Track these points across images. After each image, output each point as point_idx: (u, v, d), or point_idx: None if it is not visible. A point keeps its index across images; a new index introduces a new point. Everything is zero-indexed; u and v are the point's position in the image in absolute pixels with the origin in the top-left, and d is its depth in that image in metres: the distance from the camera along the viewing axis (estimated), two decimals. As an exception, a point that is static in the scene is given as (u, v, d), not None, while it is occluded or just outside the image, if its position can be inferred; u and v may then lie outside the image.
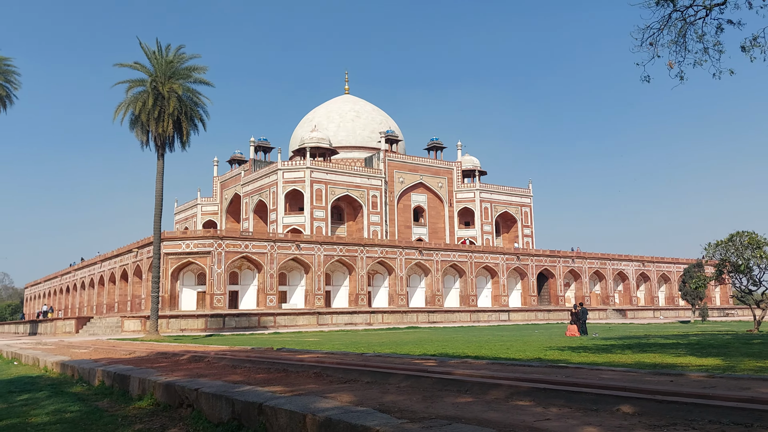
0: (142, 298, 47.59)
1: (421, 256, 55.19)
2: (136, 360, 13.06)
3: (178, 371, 9.86)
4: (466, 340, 22.01)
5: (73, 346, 22.09)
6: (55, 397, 9.43)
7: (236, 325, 43.03)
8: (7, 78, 38.79)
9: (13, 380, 12.37)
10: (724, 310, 72.35)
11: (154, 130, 33.26)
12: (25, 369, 15.19)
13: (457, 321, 53.21)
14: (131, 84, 33.84)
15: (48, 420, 7.33)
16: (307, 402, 5.74)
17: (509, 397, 6.03)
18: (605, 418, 4.77)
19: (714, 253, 30.40)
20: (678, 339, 20.08)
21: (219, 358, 12.24)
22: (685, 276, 48.29)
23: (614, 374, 7.71)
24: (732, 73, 10.07)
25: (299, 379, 8.39)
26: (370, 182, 63.21)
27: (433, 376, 7.49)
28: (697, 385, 6.34)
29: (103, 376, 10.43)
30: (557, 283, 63.51)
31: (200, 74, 34.59)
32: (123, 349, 18.04)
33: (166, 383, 8.01)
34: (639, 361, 11.36)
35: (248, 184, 65.73)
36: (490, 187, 70.72)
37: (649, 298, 70.55)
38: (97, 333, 40.81)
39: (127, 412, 7.66)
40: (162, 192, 34.53)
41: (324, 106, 74.91)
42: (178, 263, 45.42)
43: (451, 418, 4.91)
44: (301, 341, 24.38)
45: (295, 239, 49.62)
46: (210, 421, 6.58)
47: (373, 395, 6.43)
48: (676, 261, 72.37)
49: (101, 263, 57.27)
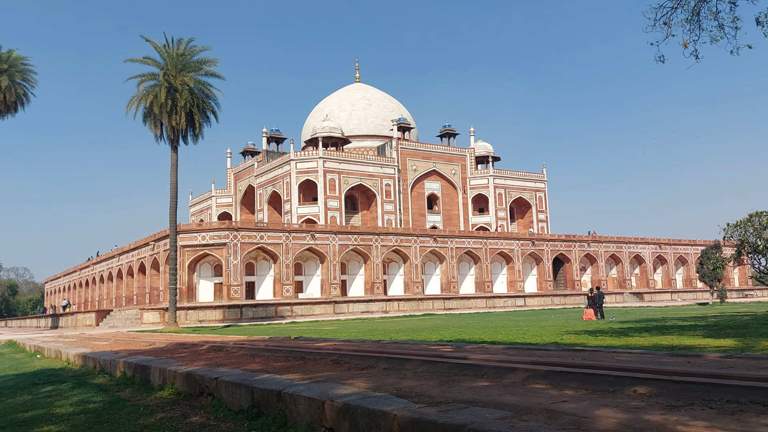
0: (160, 290, 48.09)
1: (436, 243, 55.17)
2: (156, 351, 13.23)
3: (198, 361, 9.99)
4: (481, 326, 22.04)
5: (94, 338, 22.41)
6: (78, 388, 9.60)
7: (253, 315, 43.38)
8: (24, 77, 39.20)
9: (37, 372, 12.60)
10: (743, 292, 71.68)
11: (167, 123, 33.43)
12: (48, 362, 15.45)
13: (473, 307, 53.22)
14: (143, 78, 33.98)
15: (72, 410, 7.47)
16: (325, 389, 5.80)
17: (526, 380, 6.06)
18: (622, 400, 4.78)
19: (732, 233, 30.11)
20: (696, 321, 19.97)
21: (238, 348, 12.37)
22: (703, 258, 47.87)
23: (631, 356, 7.70)
24: (750, 48, 9.90)
25: (317, 366, 8.47)
26: (383, 171, 63.15)
27: (449, 362, 7.53)
28: (714, 366, 6.32)
29: (125, 367, 10.59)
30: (573, 267, 63.25)
31: (211, 67, 34.66)
32: (143, 341, 18.27)
33: (186, 373, 8.12)
34: (656, 344, 11.33)
35: (261, 176, 65.96)
36: (503, 172, 70.36)
37: (666, 281, 70.04)
38: (116, 325, 41.34)
39: (149, 402, 7.79)
40: (176, 184, 34.75)
41: (335, 95, 74.79)
42: (194, 255, 45.79)
43: (468, 401, 4.94)
44: (318, 330, 24.54)
45: (310, 229, 49.81)
46: (230, 409, 6.68)
47: (390, 381, 6.48)
48: (694, 243, 71.71)
49: (119, 257, 57.91)
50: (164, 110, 32.96)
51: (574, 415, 4.21)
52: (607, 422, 3.96)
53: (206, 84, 34.89)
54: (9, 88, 37.60)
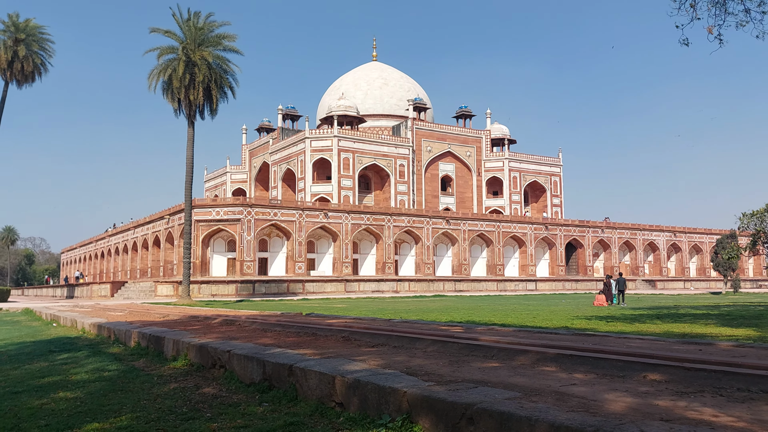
0: (174, 264, 48.58)
1: (448, 225, 55.11)
2: (169, 323, 13.41)
3: (211, 334, 10.11)
4: (492, 309, 22.09)
5: (109, 309, 22.75)
6: (94, 356, 9.77)
7: (266, 291, 43.77)
8: (42, 46, 39.32)
9: (53, 340, 12.83)
10: (758, 282, 71.10)
11: (185, 98, 33.49)
12: (64, 330, 15.72)
13: (484, 290, 53.29)
14: (162, 51, 33.99)
15: (88, 378, 7.62)
16: (336, 364, 5.86)
17: (535, 363, 6.08)
18: (632, 385, 4.79)
19: (749, 223, 29.74)
20: (708, 310, 19.87)
21: (250, 322, 12.51)
22: (718, 247, 47.50)
23: (642, 342, 7.69)
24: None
25: (328, 342, 8.54)
26: (398, 151, 62.95)
27: (459, 342, 7.56)
28: (726, 354, 6.30)
29: (139, 338, 10.75)
30: (586, 253, 62.98)
31: (230, 42, 34.61)
32: (157, 313, 18.52)
33: (199, 345, 8.24)
34: (668, 331, 11.30)
35: (276, 153, 66.03)
36: (519, 156, 69.87)
37: (679, 269, 69.61)
38: (131, 297, 41.91)
39: (163, 372, 7.92)
40: (192, 159, 34.92)
41: (351, 74, 74.37)
42: (208, 230, 46.14)
43: (477, 381, 4.98)
44: (330, 307, 24.73)
45: (323, 208, 49.94)
46: (242, 382, 6.78)
47: (400, 359, 6.54)
48: (709, 231, 71.08)
49: (134, 229, 58.48)
50: (182, 84, 33.02)
51: (584, 398, 4.23)
52: (617, 406, 3.97)
53: (224, 59, 34.85)
54: (27, 58, 37.77)
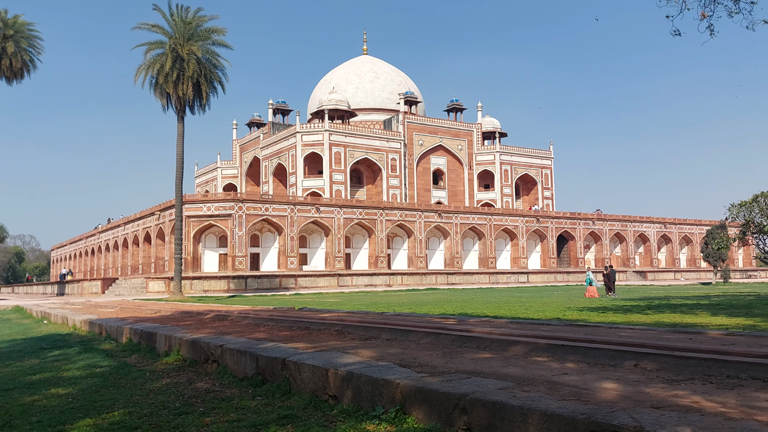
0: (165, 260, 48.42)
1: (441, 219, 55.19)
2: (161, 318, 13.37)
3: (203, 329, 10.10)
4: (485, 301, 22.17)
5: (100, 305, 22.65)
6: (86, 353, 9.74)
7: (258, 286, 43.69)
8: (30, 43, 38.92)
9: (44, 337, 12.78)
10: (747, 272, 71.69)
11: (174, 93, 33.28)
12: (55, 327, 15.64)
13: (476, 283, 53.44)
14: (150, 46, 33.74)
15: (80, 374, 7.59)
16: (329, 357, 5.87)
17: (528, 353, 6.11)
18: (623, 373, 4.83)
19: (738, 213, 30.03)
20: (699, 300, 20.03)
21: (242, 317, 12.49)
22: (708, 237, 47.83)
23: (633, 332, 7.75)
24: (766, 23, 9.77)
25: (321, 336, 8.55)
26: (389, 145, 62.90)
27: (452, 334, 7.59)
28: (716, 342, 6.36)
29: (131, 334, 10.72)
30: (577, 245, 63.26)
31: (219, 36, 34.39)
32: (148, 309, 18.46)
33: (192, 340, 8.23)
34: (658, 321, 11.39)
35: (267, 147, 65.82)
36: (510, 149, 69.98)
37: (670, 260, 70.07)
38: (122, 294, 41.72)
39: (155, 368, 7.91)
40: (183, 155, 34.74)
41: (342, 68, 74.15)
42: (199, 226, 45.99)
43: (470, 372, 5.00)
44: (322, 302, 24.73)
45: (315, 202, 49.86)
46: (235, 376, 6.78)
47: (393, 351, 6.55)
48: (699, 222, 71.56)
49: (125, 226, 58.20)
50: (170, 79, 32.80)
51: (575, 387, 4.26)
52: (608, 394, 4.01)
53: (214, 54, 34.65)
54: (15, 54, 37.37)
